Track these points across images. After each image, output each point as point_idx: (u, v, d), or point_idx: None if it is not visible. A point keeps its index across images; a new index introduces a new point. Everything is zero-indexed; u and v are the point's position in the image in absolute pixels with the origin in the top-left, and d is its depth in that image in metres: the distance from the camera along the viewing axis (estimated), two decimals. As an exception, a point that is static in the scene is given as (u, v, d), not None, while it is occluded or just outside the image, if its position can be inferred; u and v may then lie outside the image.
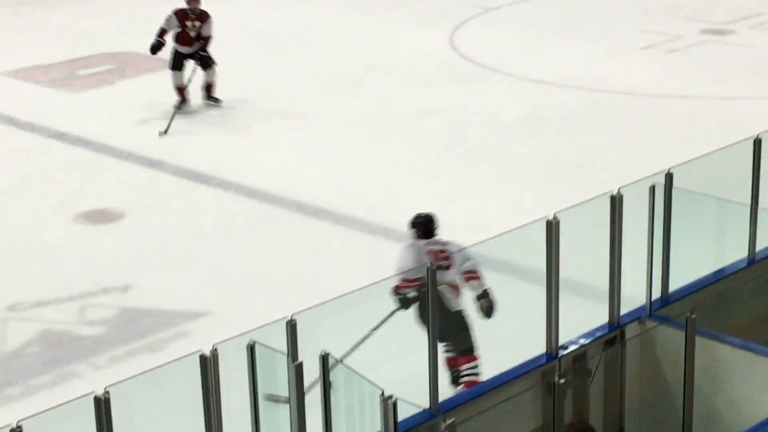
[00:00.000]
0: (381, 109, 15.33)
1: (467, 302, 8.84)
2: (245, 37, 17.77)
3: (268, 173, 13.21)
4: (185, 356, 6.19)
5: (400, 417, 6.03)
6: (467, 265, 8.74)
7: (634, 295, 8.63)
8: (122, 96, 16.11)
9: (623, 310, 8.47)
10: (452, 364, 8.73)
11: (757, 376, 8.03)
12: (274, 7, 20.77)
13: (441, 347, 8.37)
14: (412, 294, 8.51)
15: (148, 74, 16.93)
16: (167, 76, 15.38)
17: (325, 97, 15.73)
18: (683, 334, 7.13)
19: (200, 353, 6.10)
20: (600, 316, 8.69)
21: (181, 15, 15.19)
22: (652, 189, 8.55)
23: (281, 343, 6.62)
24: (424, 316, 7.90)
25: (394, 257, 8.97)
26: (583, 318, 9.30)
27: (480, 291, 8.69)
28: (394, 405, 5.90)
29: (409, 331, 8.41)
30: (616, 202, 8.15)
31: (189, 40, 15.16)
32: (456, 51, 17.69)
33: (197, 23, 15.13)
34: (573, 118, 14.79)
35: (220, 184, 12.90)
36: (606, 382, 8.13)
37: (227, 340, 6.43)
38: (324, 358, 6.54)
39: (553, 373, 7.69)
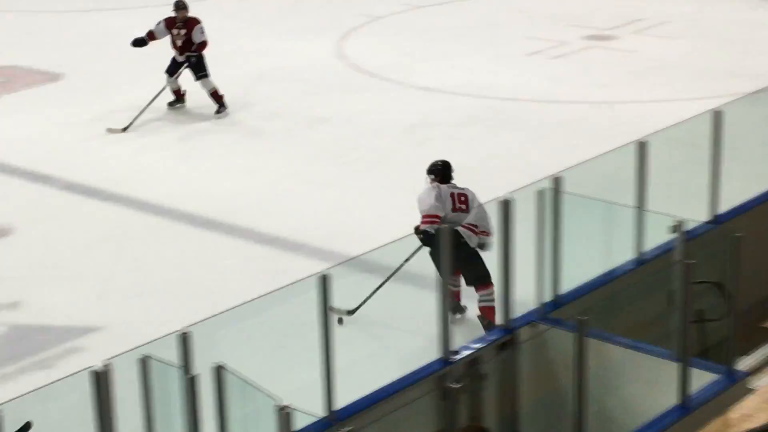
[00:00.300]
0: (271, 119, 15.30)
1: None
2: (134, 48, 17.52)
3: (159, 185, 13.11)
4: (77, 372, 6.11)
5: (297, 426, 6.03)
6: (482, 225, 9.42)
7: (526, 299, 8.73)
8: (7, 110, 15.87)
9: (515, 314, 8.56)
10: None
11: (646, 375, 8.17)
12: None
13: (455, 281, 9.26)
14: (433, 230, 8.98)
15: (33, 88, 16.71)
16: (53, 89, 15.21)
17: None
18: (574, 336, 7.23)
19: (92, 369, 6.03)
20: (493, 321, 8.78)
21: (168, 23, 15.49)
22: (541, 193, 8.65)
23: (176, 356, 6.58)
24: (436, 254, 8.77)
25: (417, 197, 9.64)
26: (476, 323, 9.40)
27: (485, 243, 9.37)
28: (290, 415, 5.90)
29: (305, 341, 8.41)
30: (506, 207, 8.23)
31: (178, 47, 15.39)
32: (345, 60, 17.73)
33: (183, 31, 15.35)
34: (461, 124, 14.91)
35: (110, 197, 12.77)
36: (500, 385, 8.21)
37: (120, 354, 6.38)
38: (218, 371, 6.51)
39: (448, 378, 7.75)
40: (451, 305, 8.71)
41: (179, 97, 15.80)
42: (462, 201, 9.51)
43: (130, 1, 21.98)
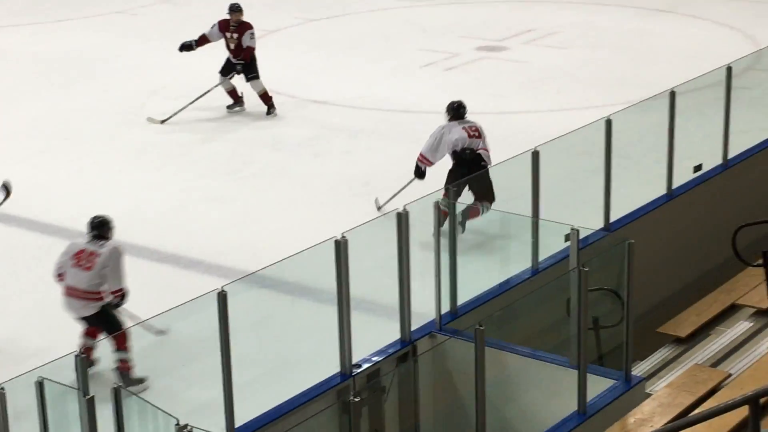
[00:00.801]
0: (166, 135, 15.19)
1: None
2: (26, 65, 17.40)
3: (53, 204, 12.94)
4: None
5: (198, 446, 6.00)
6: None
7: (425, 311, 8.78)
8: None
9: (414, 326, 8.61)
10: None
11: (545, 383, 8.26)
12: (55, 35, 20.42)
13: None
14: (424, 168, 11.56)
15: None
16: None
17: (108, 124, 15.51)
18: (473, 345, 7.29)
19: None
20: (392, 333, 8.82)
21: (222, 25, 15.80)
22: (437, 204, 8.72)
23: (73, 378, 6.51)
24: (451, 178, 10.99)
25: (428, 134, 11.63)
26: (375, 335, 9.42)
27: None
28: (191, 434, 5.87)
29: (205, 359, 8.36)
30: (403, 219, 8.28)
31: (230, 50, 15.72)
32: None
33: (235, 35, 15.66)
34: (357, 137, 14.95)
35: (2, 218, 12.56)
36: (401, 397, 8.24)
37: (15, 378, 6.28)
38: (116, 391, 6.45)
39: (348, 391, 7.77)
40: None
41: (237, 99, 15.96)
42: (474, 130, 11.43)
43: (18, 18, 21.73)
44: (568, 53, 18.54)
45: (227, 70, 15.81)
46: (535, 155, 9.59)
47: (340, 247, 7.92)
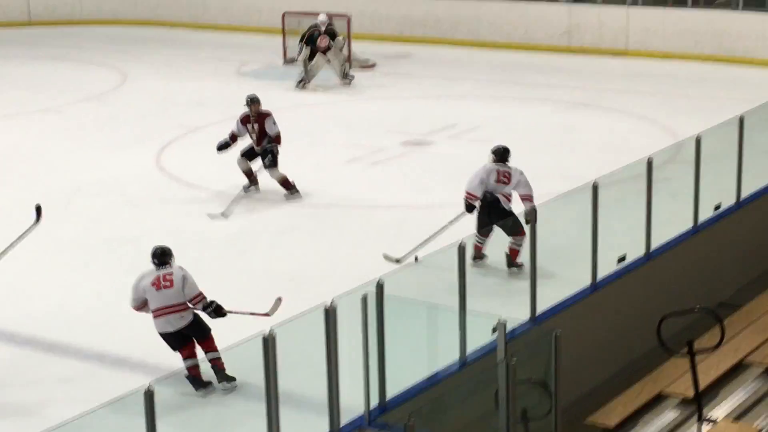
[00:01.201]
0: (90, 234, 15.10)
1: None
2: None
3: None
4: None
5: None
6: (522, 191, 12.63)
7: (354, 405, 8.74)
8: None
9: (343, 420, 8.56)
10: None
11: (475, 475, 8.23)
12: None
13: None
14: (476, 203, 12.78)
15: None
16: None
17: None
18: (403, 439, 7.26)
19: None
20: (321, 429, 8.76)
21: (243, 120, 16.29)
22: (365, 298, 8.73)
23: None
24: (481, 220, 12.74)
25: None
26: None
27: (528, 209, 11.47)
28: None
29: None
30: (330, 314, 8.28)
31: (255, 140, 16.19)
32: (164, 171, 17.65)
33: (256, 125, 16.14)
34: (284, 231, 14.95)
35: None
36: (331, 493, 8.17)
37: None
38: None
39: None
40: (475, 255, 12.32)
41: (253, 180, 16.38)
42: (504, 176, 12.70)
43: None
44: (490, 147, 18.72)
45: (248, 154, 16.33)
46: (462, 248, 9.66)
47: (269, 343, 7.88)
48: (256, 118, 16.20)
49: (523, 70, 24.32)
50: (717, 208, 12.87)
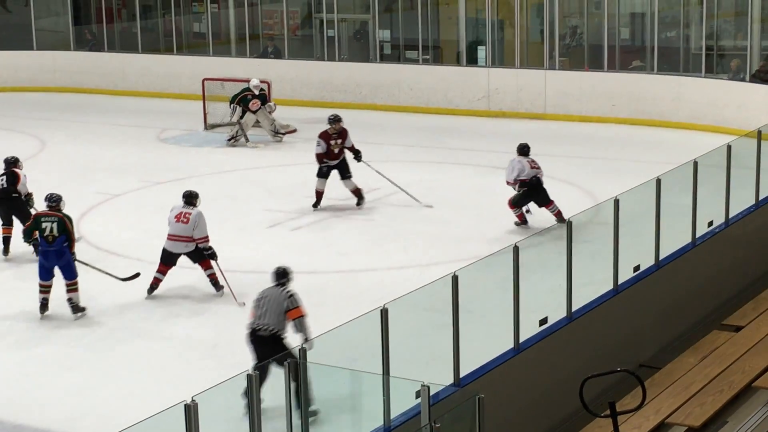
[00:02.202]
0: (8, 303, 14.90)
1: None
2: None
3: None
4: None
5: None
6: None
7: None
8: None
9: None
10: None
11: None
12: None
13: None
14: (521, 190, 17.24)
15: None
16: None
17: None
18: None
19: None
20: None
21: (324, 136, 18.66)
22: (287, 365, 8.69)
23: None
24: (524, 200, 17.40)
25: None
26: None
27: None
28: None
29: None
30: (253, 381, 8.22)
31: (334, 155, 18.64)
32: (83, 238, 17.47)
33: (339, 140, 18.68)
34: (204, 299, 14.86)
35: None
36: None
37: None
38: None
39: None
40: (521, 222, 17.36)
41: (319, 201, 18.85)
42: (534, 163, 17.28)
43: None
44: (413, 211, 18.82)
45: (324, 172, 18.76)
46: (384, 312, 9.65)
47: (191, 411, 7.80)
48: (338, 134, 18.70)
49: (444, 133, 24.50)
50: (636, 269, 13.00)
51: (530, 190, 17.19)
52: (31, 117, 27.52)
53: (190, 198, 14.92)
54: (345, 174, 18.85)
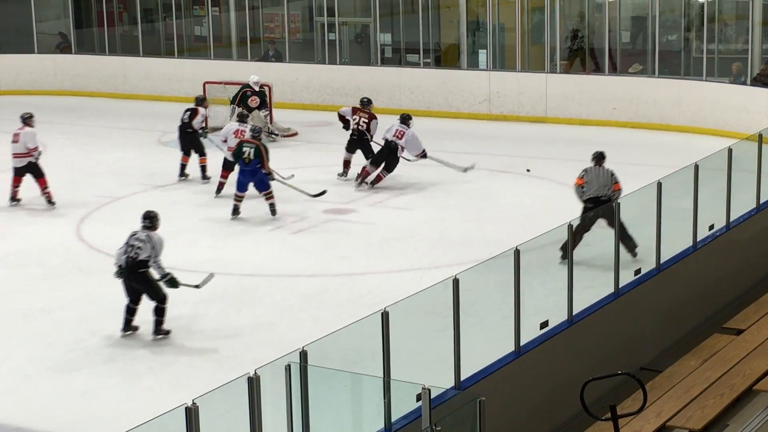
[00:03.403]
0: (8, 306, 14.90)
1: None
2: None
3: None
4: None
5: None
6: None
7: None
8: None
9: (268, 492, 8.46)
10: None
11: None
12: None
13: None
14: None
15: None
16: None
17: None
18: None
19: None
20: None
21: (354, 108, 21.22)
22: (288, 368, 8.69)
23: None
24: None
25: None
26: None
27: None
28: None
29: None
30: (254, 384, 8.22)
31: (355, 129, 20.92)
32: (84, 242, 17.49)
33: (363, 120, 20.95)
34: (205, 302, 14.85)
35: None
36: None
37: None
38: None
39: None
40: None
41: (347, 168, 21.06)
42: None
43: None
44: (414, 214, 18.83)
45: (353, 148, 20.90)
46: (385, 316, 9.65)
47: (191, 414, 7.79)
48: (367, 115, 20.83)
49: (445, 137, 24.48)
50: (637, 273, 13.00)
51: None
52: (32, 120, 27.50)
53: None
54: (367, 154, 20.69)
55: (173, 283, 13.56)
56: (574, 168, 21.55)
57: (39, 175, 19.30)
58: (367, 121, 20.90)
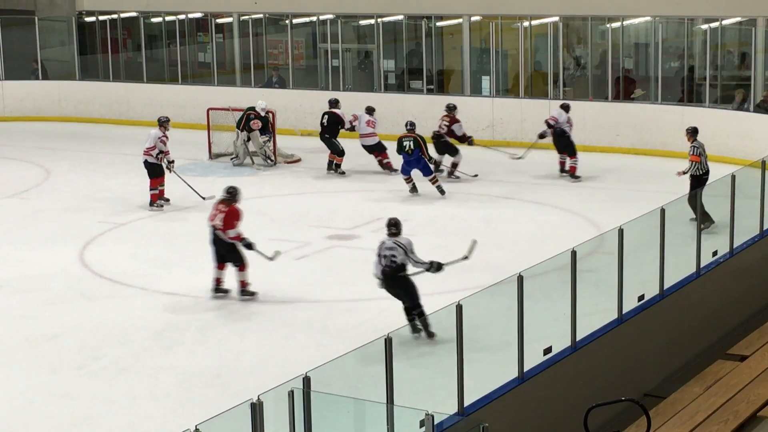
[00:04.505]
0: (11, 331, 14.89)
1: None
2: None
3: None
4: None
5: None
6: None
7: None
8: None
9: None
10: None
11: None
12: None
13: None
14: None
15: None
16: None
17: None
18: None
19: None
20: None
21: (444, 117, 23.49)
22: (291, 394, 8.68)
23: None
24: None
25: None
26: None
27: None
28: None
29: None
30: (257, 410, 8.21)
31: (443, 131, 23.46)
32: (87, 267, 17.49)
33: (446, 123, 23.42)
34: (208, 328, 14.85)
35: None
36: None
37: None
38: None
39: None
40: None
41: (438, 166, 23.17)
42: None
43: None
44: (417, 240, 18.75)
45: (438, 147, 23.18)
46: (388, 341, 9.64)
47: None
48: (450, 120, 23.27)
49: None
50: (641, 299, 12.98)
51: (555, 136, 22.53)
52: (36, 146, 27.56)
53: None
54: (452, 153, 23.21)
55: (440, 267, 14.32)
56: (578, 194, 21.63)
57: (153, 174, 20.91)
58: (448, 124, 23.30)
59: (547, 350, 11.52)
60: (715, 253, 14.44)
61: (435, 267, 14.21)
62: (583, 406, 9.72)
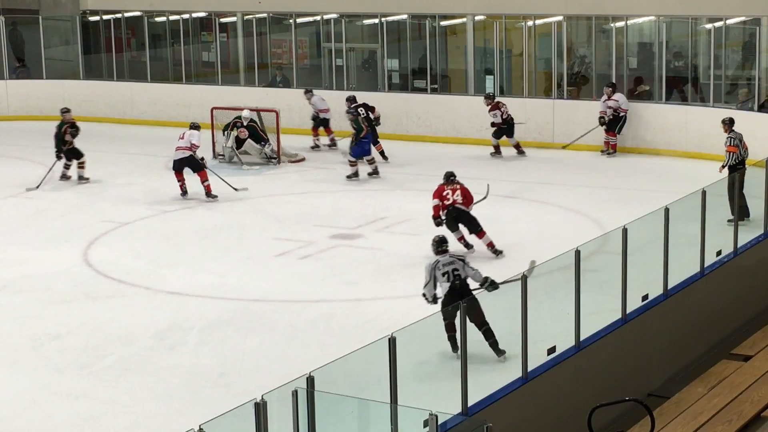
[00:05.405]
0: (16, 331, 14.90)
1: None
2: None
3: None
4: None
5: None
6: None
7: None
8: None
9: None
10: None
11: None
12: None
13: None
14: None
15: None
16: None
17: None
18: None
19: None
20: None
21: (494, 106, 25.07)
22: (295, 393, 8.68)
23: None
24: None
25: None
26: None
27: None
28: None
29: None
30: (261, 409, 8.21)
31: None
32: (91, 267, 17.50)
33: (491, 111, 25.11)
34: (212, 327, 14.85)
35: None
36: None
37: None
38: None
39: None
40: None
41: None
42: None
43: None
44: (420, 240, 18.78)
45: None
46: (392, 341, 9.64)
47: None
48: (491, 106, 24.60)
49: (451, 163, 24.49)
50: (644, 298, 12.98)
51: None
52: (40, 145, 27.53)
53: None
54: (509, 134, 25.12)
55: (494, 285, 12.92)
56: (582, 194, 21.61)
57: (198, 168, 21.70)
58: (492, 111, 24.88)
59: (551, 350, 11.52)
60: (719, 253, 14.43)
61: (490, 284, 12.97)
62: (586, 406, 9.73)
